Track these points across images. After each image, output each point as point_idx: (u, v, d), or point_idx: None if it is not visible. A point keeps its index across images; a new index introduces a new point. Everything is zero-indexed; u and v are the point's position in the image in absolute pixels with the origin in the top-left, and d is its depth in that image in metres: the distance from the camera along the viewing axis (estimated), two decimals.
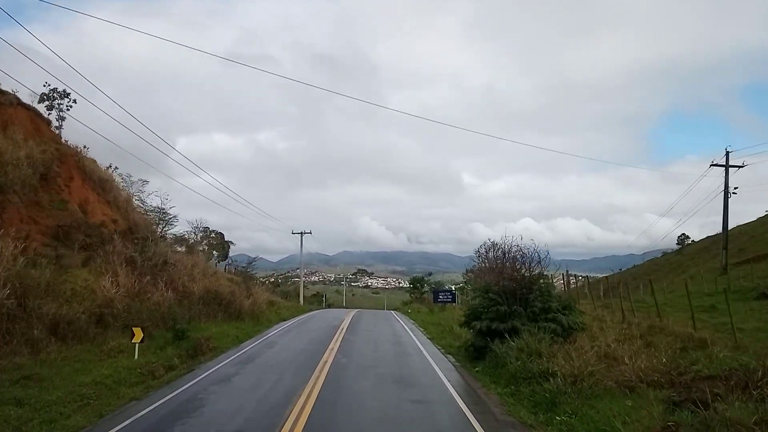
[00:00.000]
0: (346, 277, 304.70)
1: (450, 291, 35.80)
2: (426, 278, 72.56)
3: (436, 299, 36.21)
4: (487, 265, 55.75)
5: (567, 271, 27.84)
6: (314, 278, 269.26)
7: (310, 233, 55.84)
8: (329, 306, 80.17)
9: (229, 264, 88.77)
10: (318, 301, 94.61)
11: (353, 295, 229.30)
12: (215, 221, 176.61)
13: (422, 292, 63.53)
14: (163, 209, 51.08)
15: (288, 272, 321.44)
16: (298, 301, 59.41)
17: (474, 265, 60.40)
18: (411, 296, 67.80)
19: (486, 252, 56.32)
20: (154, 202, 44.26)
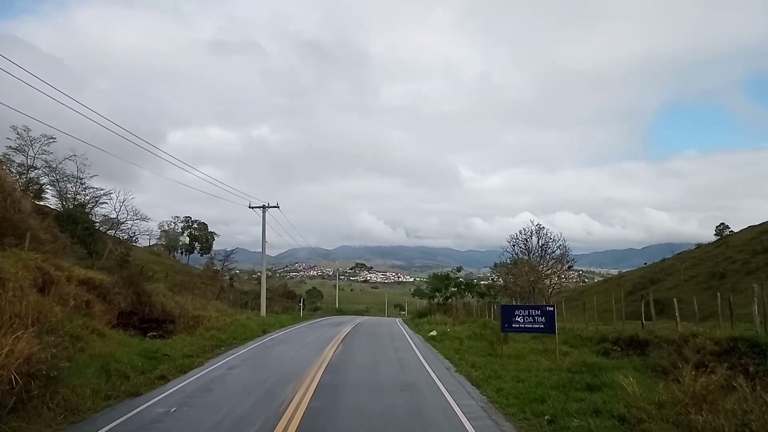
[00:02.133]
0: (344, 272, 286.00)
1: (542, 307, 15.47)
2: (453, 275, 46.02)
3: (506, 324, 15.94)
4: (527, 257, 33.56)
5: None
6: (312, 273, 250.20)
7: (277, 207, 35.95)
8: (316, 310, 59.31)
9: (212, 257, 68.99)
10: (309, 301, 73.86)
11: (352, 290, 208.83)
12: (212, 215, 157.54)
13: (447, 296, 42.71)
14: (81, 178, 32.95)
15: (286, 266, 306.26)
16: (264, 309, 39.24)
17: (510, 257, 38.87)
18: (429, 302, 46.41)
19: (525, 241, 33.82)
20: (69, 168, 30.70)
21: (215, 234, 68.13)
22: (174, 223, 68.92)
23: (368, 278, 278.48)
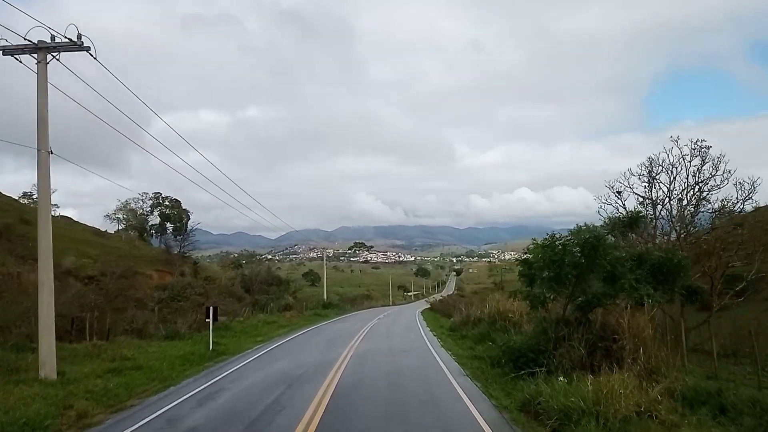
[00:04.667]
0: (344, 253, 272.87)
1: None
2: (595, 235, 12.04)
3: None
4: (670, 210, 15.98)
5: None
6: (312, 254, 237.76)
7: (80, 47, 16.21)
8: (286, 309, 43.55)
9: (182, 238, 55.88)
10: (292, 290, 58.43)
11: (352, 271, 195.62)
12: (208, 201, 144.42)
13: (590, 300, 12.26)
14: None
15: (286, 248, 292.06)
16: (51, 343, 25.69)
17: (613, 213, 20.80)
18: (543, 313, 14.54)
19: (654, 178, 18.21)
20: None
21: (189, 212, 55.10)
22: (141, 200, 55.79)
23: (369, 258, 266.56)
